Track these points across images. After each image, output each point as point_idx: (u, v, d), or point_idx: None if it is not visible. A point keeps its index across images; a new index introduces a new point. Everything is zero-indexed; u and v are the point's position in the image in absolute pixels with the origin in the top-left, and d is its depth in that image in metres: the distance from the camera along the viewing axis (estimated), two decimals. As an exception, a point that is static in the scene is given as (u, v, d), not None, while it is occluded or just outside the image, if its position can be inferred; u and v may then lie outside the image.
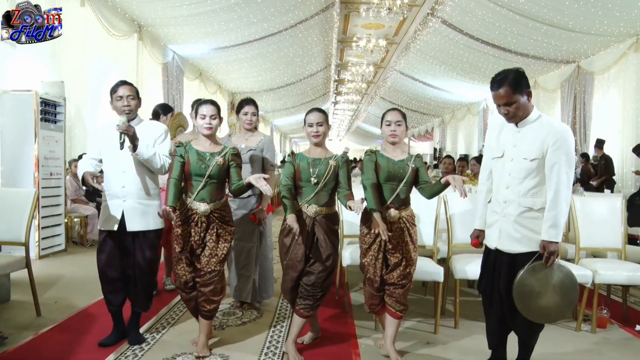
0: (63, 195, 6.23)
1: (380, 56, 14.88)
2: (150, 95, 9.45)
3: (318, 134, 3.11)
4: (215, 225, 3.07)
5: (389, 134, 3.08)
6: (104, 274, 3.14)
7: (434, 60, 12.46)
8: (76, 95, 7.19)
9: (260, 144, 3.87)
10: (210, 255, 3.06)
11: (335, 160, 3.11)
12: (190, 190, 3.07)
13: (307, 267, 3.07)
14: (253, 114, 3.89)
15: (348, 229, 4.15)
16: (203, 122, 3.09)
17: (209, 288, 3.07)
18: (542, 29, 8.76)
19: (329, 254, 3.06)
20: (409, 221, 3.07)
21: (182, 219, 3.05)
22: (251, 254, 3.84)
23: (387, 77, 16.72)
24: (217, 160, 3.06)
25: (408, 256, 3.04)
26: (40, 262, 5.58)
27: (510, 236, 2.65)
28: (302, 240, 3.04)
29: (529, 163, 2.58)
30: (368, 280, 3.10)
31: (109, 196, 3.15)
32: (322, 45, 12.83)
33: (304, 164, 3.11)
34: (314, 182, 3.05)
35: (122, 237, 3.12)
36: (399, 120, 3.07)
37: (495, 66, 11.20)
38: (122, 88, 3.12)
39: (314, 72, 15.06)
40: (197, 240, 3.05)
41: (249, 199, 3.83)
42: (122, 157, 3.08)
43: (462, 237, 3.87)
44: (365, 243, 3.09)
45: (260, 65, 12.86)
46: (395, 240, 3.02)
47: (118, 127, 2.92)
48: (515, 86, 2.55)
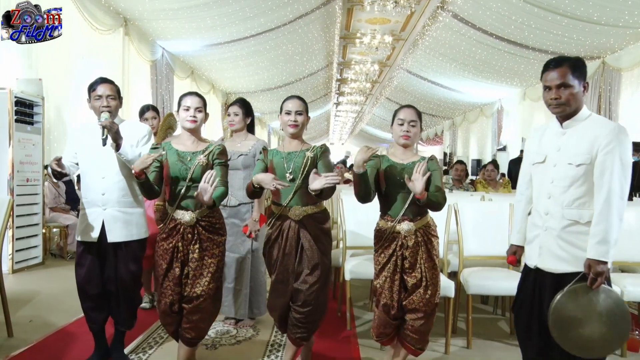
0: (41, 204, 6.20)
1: (385, 53, 14.91)
2: (138, 95, 9.45)
3: (296, 123, 2.97)
4: (199, 238, 2.90)
5: (400, 135, 2.91)
6: (83, 290, 3.09)
7: (444, 57, 12.46)
8: (56, 94, 7.16)
9: (253, 149, 3.84)
10: (195, 276, 2.89)
11: (312, 152, 2.97)
12: (172, 197, 2.92)
13: (294, 284, 2.94)
14: (235, 114, 3.89)
15: (351, 240, 4.12)
16: (186, 114, 2.95)
17: (197, 316, 2.92)
18: (564, 22, 8.66)
19: (316, 264, 2.91)
20: (427, 233, 2.91)
21: (167, 232, 2.92)
22: (242, 266, 3.81)
23: (393, 76, 16.73)
24: (199, 160, 2.91)
25: (429, 275, 2.86)
26: (14, 277, 5.54)
27: (552, 253, 2.46)
28: (290, 249, 2.93)
29: (574, 169, 2.39)
30: (384, 306, 2.90)
31: (87, 204, 3.10)
32: (323, 42, 12.84)
33: (278, 159, 2.99)
34: (289, 179, 2.92)
35: (102, 248, 3.07)
36: (414, 120, 2.91)
37: (511, 64, 11.21)
38: (102, 86, 3.06)
39: (315, 71, 15.07)
40: (185, 255, 2.91)
41: (239, 208, 3.81)
42: (101, 162, 3.04)
43: (475, 249, 3.86)
44: (378, 263, 2.93)
45: (257, 63, 12.86)
46: (412, 258, 2.86)
47: (101, 123, 2.87)
48: (575, 69, 2.38)
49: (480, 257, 3.91)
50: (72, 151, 3.16)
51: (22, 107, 5.89)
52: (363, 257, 4.10)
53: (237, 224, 3.81)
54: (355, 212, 4.17)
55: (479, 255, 3.90)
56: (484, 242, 3.88)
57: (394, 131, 2.95)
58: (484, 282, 3.61)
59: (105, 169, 3.05)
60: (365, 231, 3.76)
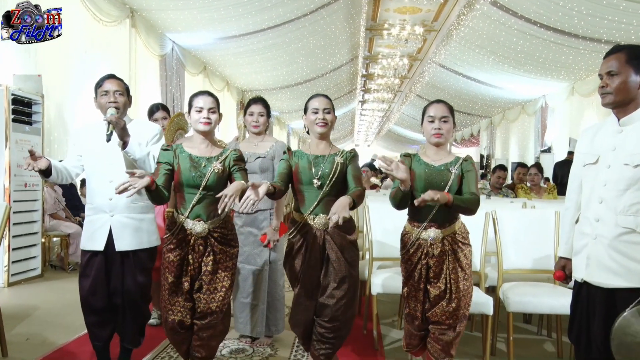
0: (40, 210, 6.26)
1: (416, 46, 14.87)
2: (146, 93, 9.56)
3: (325, 121, 3.05)
4: (212, 250, 2.95)
5: (431, 133, 2.94)
6: (87, 303, 3.15)
7: (481, 50, 12.36)
8: (56, 92, 7.25)
9: (271, 151, 3.87)
10: (209, 291, 2.95)
11: (342, 157, 3.03)
12: (183, 206, 2.96)
13: (320, 299, 3.00)
14: (260, 114, 3.90)
15: (378, 251, 4.12)
16: (199, 116, 2.99)
17: (209, 332, 2.98)
18: (622, 5, 8.32)
19: (344, 277, 2.97)
20: (457, 241, 2.93)
21: (175, 242, 2.96)
22: (259, 279, 3.82)
23: (425, 70, 16.67)
24: (214, 166, 2.95)
25: (455, 287, 2.88)
26: (10, 291, 5.61)
27: (602, 265, 2.39)
28: (315, 261, 2.98)
29: (632, 170, 2.33)
30: (407, 315, 3.01)
31: (93, 210, 3.16)
32: (347, 34, 12.86)
33: (304, 162, 3.04)
34: (317, 185, 2.97)
35: (109, 258, 3.13)
36: (446, 116, 2.94)
37: (557, 55, 11.04)
38: (109, 82, 3.15)
39: (338, 66, 15.10)
40: (196, 268, 2.96)
41: (256, 215, 3.82)
42: (108, 164, 3.10)
43: (516, 261, 3.83)
44: (405, 271, 3.00)
45: (275, 58, 12.93)
46: (437, 267, 2.89)
47: (106, 118, 2.92)
48: (631, 57, 2.35)
49: (521, 271, 3.87)
50: (76, 153, 3.23)
51: (19, 106, 5.95)
52: (391, 270, 4.10)
53: (254, 233, 3.82)
54: (382, 220, 4.17)
55: (520, 268, 3.86)
56: (525, 254, 3.85)
57: (425, 130, 2.99)
58: (527, 299, 3.57)
59: (112, 172, 3.10)
60: (394, 241, 3.75)
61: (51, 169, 3.03)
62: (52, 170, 3.03)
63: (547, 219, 3.91)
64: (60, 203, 6.97)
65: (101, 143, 3.03)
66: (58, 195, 6.96)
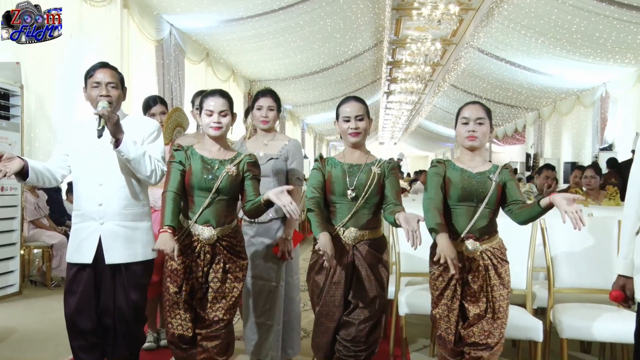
0: (19, 218, 6.31)
1: (450, 28, 14.80)
2: (140, 84, 9.62)
3: (358, 131, 3.16)
4: (222, 258, 3.09)
5: (465, 136, 3.06)
6: (73, 324, 3.17)
7: (527, 31, 12.26)
8: (38, 82, 7.29)
9: (284, 151, 3.89)
10: (216, 299, 3.08)
11: (379, 167, 3.15)
12: (191, 209, 3.11)
13: (345, 316, 3.09)
14: (270, 108, 3.91)
15: (407, 265, 4.12)
16: (209, 120, 3.12)
17: (214, 343, 3.09)
18: None
19: (374, 296, 3.07)
20: (496, 256, 3.01)
21: (180, 249, 3.03)
22: (274, 296, 3.83)
23: (460, 56, 16.61)
24: (228, 169, 3.09)
25: (496, 305, 2.97)
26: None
27: None
28: (340, 277, 3.05)
29: None
30: (439, 338, 3.07)
31: (81, 217, 3.19)
32: (371, 15, 12.85)
33: (338, 171, 3.15)
34: (351, 197, 3.09)
35: (98, 272, 3.15)
36: (481, 118, 3.05)
37: (622, 35, 10.82)
38: (101, 72, 3.18)
39: (360, 52, 15.10)
40: (200, 277, 3.09)
41: (270, 224, 3.84)
42: (99, 165, 3.13)
43: (570, 279, 3.81)
44: (436, 289, 3.06)
45: (288, 43, 12.97)
46: (476, 284, 2.97)
47: (97, 111, 2.96)
48: None
49: (577, 290, 3.85)
50: (62, 152, 3.26)
51: (-5, 98, 6.02)
52: (421, 287, 4.10)
53: (267, 244, 3.83)
54: (411, 230, 4.14)
55: (576, 287, 3.84)
56: (581, 271, 3.83)
57: (458, 133, 3.10)
58: (584, 323, 3.52)
59: (102, 174, 3.13)
60: (424, 254, 3.74)
61: (27, 170, 3.03)
62: (29, 171, 3.03)
63: (608, 229, 3.88)
64: (42, 210, 7.00)
65: (90, 141, 3.06)
66: (41, 201, 6.98)
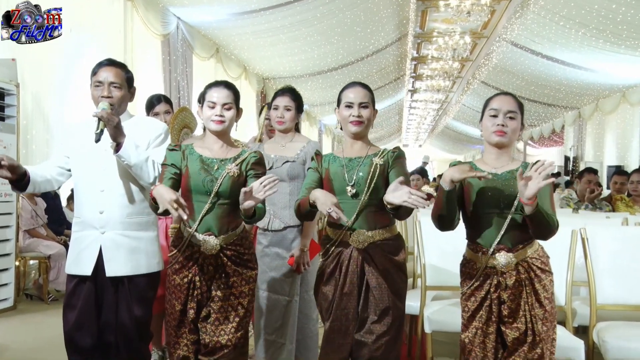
0: (14, 227, 6.33)
1: (481, 20, 14.76)
2: (145, 82, 9.64)
3: (360, 119, 3.07)
4: (225, 271, 3.01)
5: (493, 130, 2.89)
6: (72, 341, 3.18)
7: (567, 22, 12.19)
8: (35, 80, 7.31)
9: (302, 153, 3.89)
10: (217, 321, 2.99)
11: (382, 157, 3.05)
12: (191, 216, 2.99)
13: (357, 335, 3.01)
14: (287, 108, 3.92)
15: (433, 278, 4.09)
16: (211, 112, 3.04)
17: None
18: None
19: (386, 308, 2.97)
20: (535, 267, 2.88)
21: (182, 261, 3.02)
22: (287, 312, 3.83)
23: (492, 50, 16.56)
24: (229, 169, 3.00)
25: (538, 327, 2.83)
26: (-25, 326, 5.68)
27: None
28: (352, 287, 2.98)
29: None
30: None
31: (81, 225, 3.21)
32: (394, 7, 12.86)
33: (335, 167, 3.08)
34: (351, 194, 3.00)
35: (99, 285, 3.17)
36: (512, 111, 2.89)
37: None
38: (105, 71, 3.19)
39: (383, 47, 15.12)
40: (205, 293, 3.02)
41: (285, 233, 3.84)
42: (100, 171, 3.15)
43: (614, 294, 3.77)
44: (467, 310, 2.94)
45: (304, 37, 13.00)
46: (512, 302, 2.84)
47: (96, 113, 2.97)
48: None
49: (622, 307, 3.80)
50: (63, 154, 3.29)
51: (-12, 97, 6.06)
52: (449, 302, 4.07)
53: (282, 254, 3.83)
54: (438, 239, 4.11)
55: (621, 303, 3.80)
56: (628, 285, 3.79)
57: (484, 126, 2.95)
58: (632, 344, 3.45)
59: (105, 180, 3.14)
60: (452, 265, 3.72)
61: (28, 181, 3.07)
62: (28, 182, 3.08)
63: (658, 239, 3.84)
64: (40, 218, 7.02)
65: (92, 144, 3.07)
66: (39, 209, 7.01)
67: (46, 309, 6.37)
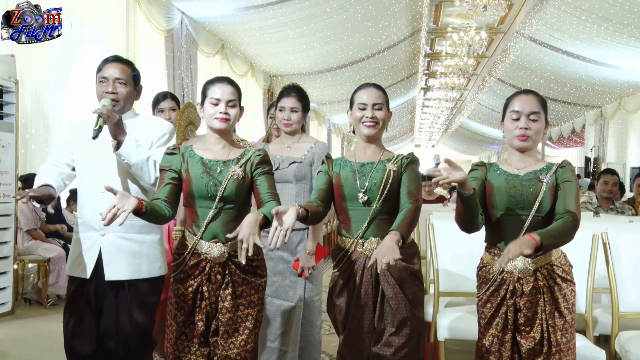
0: (12, 229, 6.35)
1: (498, 14, 14.72)
2: (148, 79, 9.63)
3: (374, 121, 3.06)
4: (232, 280, 2.95)
5: (515, 134, 2.88)
6: (71, 348, 3.19)
7: (588, 16, 12.15)
8: (35, 77, 7.33)
9: (309, 154, 3.89)
10: (227, 333, 2.93)
11: (396, 163, 3.03)
12: (195, 223, 2.97)
13: (374, 348, 2.98)
14: (293, 109, 3.91)
15: (447, 284, 4.09)
16: (214, 110, 2.98)
17: None
18: None
19: (404, 319, 2.95)
20: (556, 274, 2.86)
21: (187, 270, 2.97)
22: (291, 318, 3.84)
23: (509, 46, 16.53)
24: (233, 171, 2.96)
25: (555, 337, 2.82)
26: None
27: None
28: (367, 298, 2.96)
29: None
30: None
31: (82, 226, 3.22)
32: (406, 1, 12.85)
33: (347, 172, 3.06)
34: (363, 201, 2.98)
35: (99, 289, 3.17)
36: (536, 112, 2.87)
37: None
38: (110, 67, 3.21)
39: (394, 43, 15.11)
40: (212, 304, 2.96)
41: (290, 235, 3.82)
42: (102, 171, 3.17)
43: (638, 302, 3.75)
44: (484, 317, 2.93)
45: (313, 33, 13.02)
46: (529, 310, 2.83)
47: (96, 109, 2.98)
48: None
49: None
50: (69, 151, 3.31)
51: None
52: (464, 309, 4.06)
53: (286, 258, 3.83)
54: (452, 243, 4.14)
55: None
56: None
57: (506, 129, 2.94)
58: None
59: (107, 180, 3.10)
60: (467, 271, 3.72)
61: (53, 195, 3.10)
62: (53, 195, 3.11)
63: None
64: (39, 218, 7.00)
65: (94, 143, 3.07)
66: (38, 209, 7.00)
67: (45, 314, 6.37)
